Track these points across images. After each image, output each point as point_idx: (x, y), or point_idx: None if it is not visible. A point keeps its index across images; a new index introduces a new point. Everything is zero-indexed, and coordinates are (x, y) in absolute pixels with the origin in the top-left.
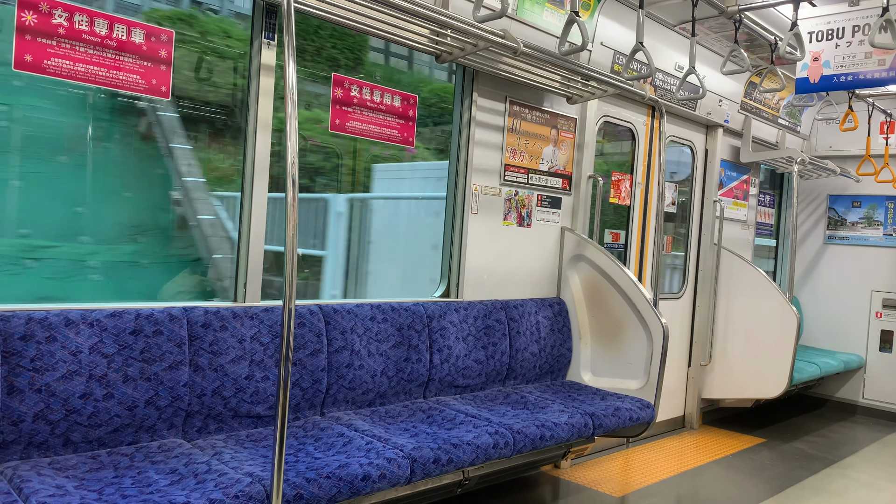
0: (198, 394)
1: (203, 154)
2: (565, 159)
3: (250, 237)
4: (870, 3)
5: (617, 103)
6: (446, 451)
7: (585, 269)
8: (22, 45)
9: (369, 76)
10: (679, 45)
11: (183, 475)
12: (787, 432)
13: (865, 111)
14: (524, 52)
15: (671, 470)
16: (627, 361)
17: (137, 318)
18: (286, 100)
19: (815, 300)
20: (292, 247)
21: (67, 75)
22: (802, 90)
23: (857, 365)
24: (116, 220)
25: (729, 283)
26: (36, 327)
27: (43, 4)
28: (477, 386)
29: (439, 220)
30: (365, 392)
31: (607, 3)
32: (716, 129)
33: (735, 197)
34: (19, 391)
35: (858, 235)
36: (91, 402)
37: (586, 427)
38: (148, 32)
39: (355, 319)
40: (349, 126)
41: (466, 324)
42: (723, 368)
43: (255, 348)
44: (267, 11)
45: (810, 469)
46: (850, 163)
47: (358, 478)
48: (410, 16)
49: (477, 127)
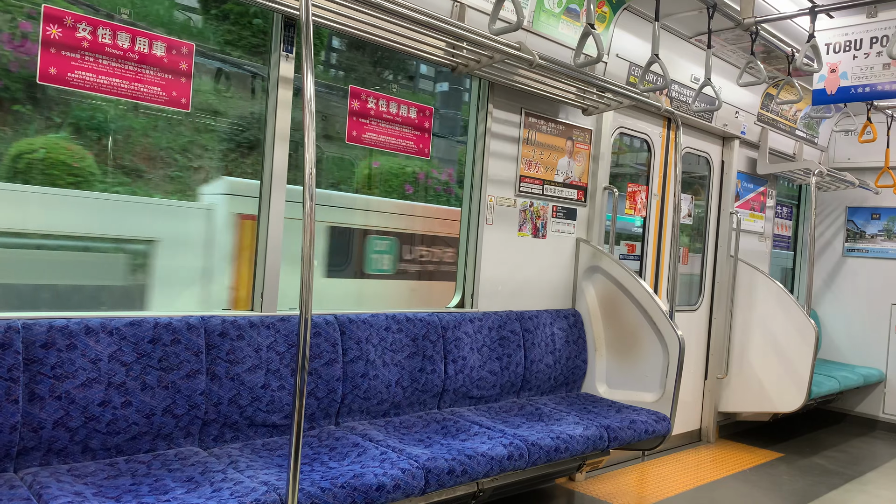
0: (214, 402)
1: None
2: (580, 170)
3: (267, 247)
4: (888, 15)
5: (632, 115)
6: (461, 463)
7: (601, 280)
8: (47, 59)
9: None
10: (695, 56)
11: (199, 483)
12: (805, 447)
13: (884, 122)
14: (540, 64)
15: (687, 484)
16: (643, 374)
17: (156, 327)
18: (304, 111)
19: (833, 313)
20: (309, 256)
21: (91, 88)
22: (819, 102)
23: (876, 379)
24: None
25: (746, 295)
26: (57, 335)
27: (67, 18)
28: (492, 397)
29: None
30: (380, 402)
31: (623, 15)
32: (732, 140)
33: (752, 209)
34: (40, 398)
35: (878, 248)
36: (110, 409)
37: (601, 440)
38: (169, 45)
39: (370, 329)
40: (366, 138)
41: (481, 334)
42: (740, 381)
43: (272, 357)
44: (285, 25)
45: (829, 485)
46: (868, 174)
47: (372, 488)
48: (427, 29)
49: (492, 138)
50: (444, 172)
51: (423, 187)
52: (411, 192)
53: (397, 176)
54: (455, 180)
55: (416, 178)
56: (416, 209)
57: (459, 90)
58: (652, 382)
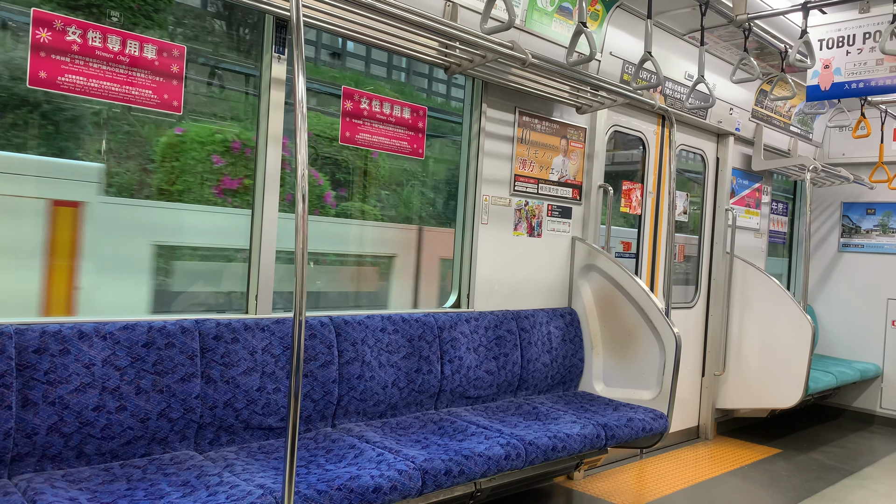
0: (210, 406)
1: None
2: (575, 169)
3: (261, 250)
4: (880, 10)
5: (627, 113)
6: (458, 463)
7: (597, 278)
8: (37, 62)
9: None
10: (688, 53)
11: (195, 487)
12: (803, 443)
13: (878, 118)
14: (533, 63)
15: (686, 481)
16: (640, 371)
17: (150, 331)
18: (296, 113)
19: (830, 309)
20: (302, 258)
21: (81, 91)
22: (813, 98)
23: (873, 374)
24: None
25: (742, 291)
26: (50, 340)
27: (57, 22)
28: (488, 397)
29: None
30: (376, 403)
31: (616, 13)
32: (727, 137)
33: (747, 205)
34: (33, 404)
35: (873, 243)
36: (104, 414)
37: (599, 438)
38: (160, 48)
39: (366, 331)
40: (359, 138)
41: (477, 334)
42: (737, 378)
43: (267, 360)
44: (277, 26)
45: (828, 480)
46: (863, 170)
47: (369, 490)
48: (419, 29)
49: (487, 138)
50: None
51: (238, 158)
52: (222, 165)
53: (204, 144)
54: (290, 152)
55: (230, 148)
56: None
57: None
58: (649, 380)
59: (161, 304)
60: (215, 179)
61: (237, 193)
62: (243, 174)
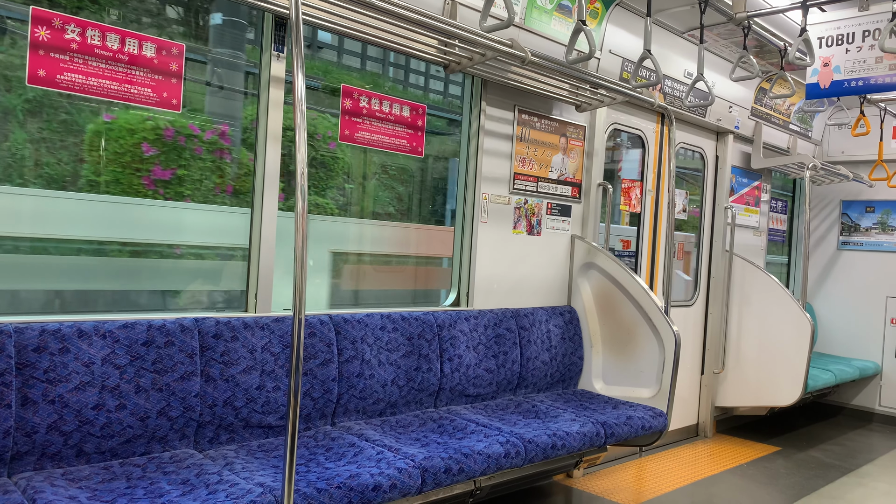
0: (209, 404)
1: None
2: (575, 167)
3: (261, 248)
4: (880, 8)
5: (626, 111)
6: (457, 461)
7: (596, 276)
8: (35, 61)
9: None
10: (688, 51)
11: (195, 486)
12: (802, 440)
13: (877, 116)
14: (532, 61)
15: (685, 479)
16: (639, 370)
17: (149, 329)
18: (295, 111)
19: (829, 307)
20: (302, 256)
21: (80, 89)
22: (813, 96)
23: (872, 372)
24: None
25: (741, 289)
26: (49, 339)
27: (56, 20)
28: (488, 395)
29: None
30: (376, 402)
31: (615, 11)
32: (726, 135)
33: (746, 203)
34: (33, 402)
35: (872, 241)
36: (104, 412)
37: (598, 436)
38: (159, 46)
39: (366, 329)
40: (358, 137)
41: (477, 332)
42: (736, 376)
43: (266, 358)
44: (276, 24)
45: (826, 478)
46: (862, 168)
47: (369, 488)
48: (418, 27)
49: (486, 136)
50: (213, 129)
51: (171, 147)
52: (152, 154)
53: (133, 132)
54: (232, 141)
55: (163, 135)
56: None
57: (240, 23)
58: (648, 378)
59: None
60: (145, 169)
61: (170, 185)
62: (177, 164)
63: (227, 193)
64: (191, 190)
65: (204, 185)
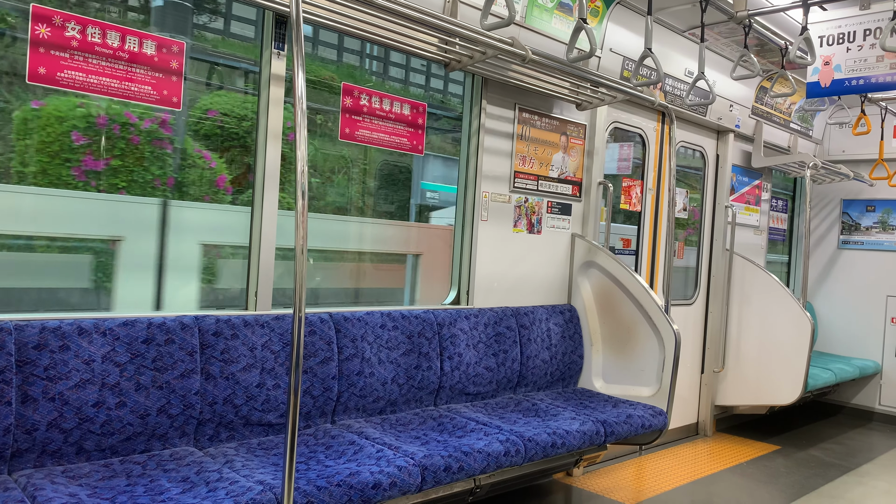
0: (209, 402)
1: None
2: (575, 166)
3: (261, 246)
4: (881, 7)
5: (627, 109)
6: (457, 459)
7: (596, 275)
8: (36, 58)
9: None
10: (688, 50)
11: (195, 483)
12: (802, 439)
13: (878, 115)
14: (533, 59)
15: (684, 478)
16: (639, 368)
17: (149, 327)
18: (295, 109)
19: (829, 306)
20: (302, 255)
21: (80, 87)
22: (813, 94)
23: (872, 371)
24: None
25: (741, 288)
26: (49, 336)
27: (56, 17)
28: (488, 393)
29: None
30: (375, 400)
31: (616, 9)
32: (727, 134)
33: (747, 202)
34: (33, 400)
35: (873, 240)
36: (104, 410)
37: (598, 434)
38: (159, 44)
39: (366, 327)
40: (359, 135)
41: (477, 331)
42: (736, 375)
43: (266, 356)
44: (276, 22)
45: (826, 477)
46: (863, 167)
47: (369, 486)
48: (419, 25)
49: (486, 134)
50: (153, 117)
51: (104, 136)
52: (83, 143)
53: (64, 120)
54: (174, 130)
55: (95, 123)
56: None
57: (183, 6)
58: (648, 377)
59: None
60: (75, 160)
61: (102, 176)
62: (110, 154)
63: (169, 186)
64: (126, 182)
65: (141, 177)
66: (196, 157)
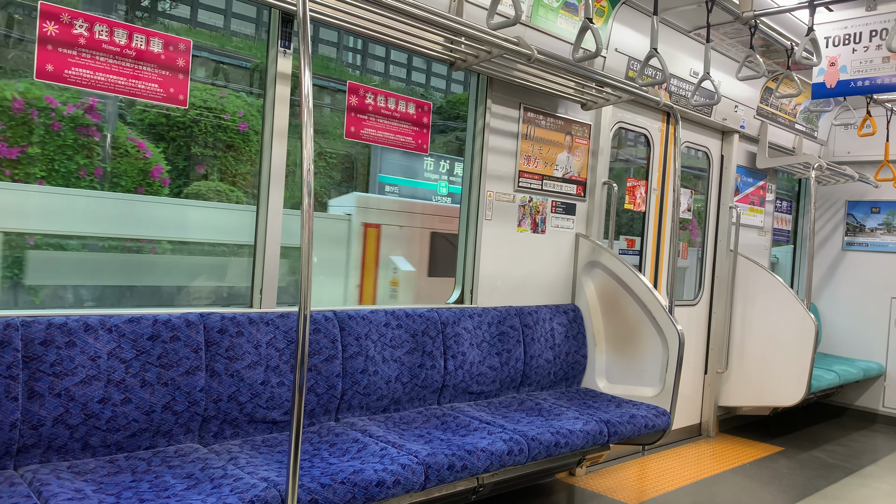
0: (214, 399)
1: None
2: (580, 165)
3: (266, 244)
4: (888, 8)
5: (632, 109)
6: (461, 458)
7: (600, 275)
8: (44, 55)
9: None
10: (694, 50)
11: (199, 480)
12: (805, 441)
13: (884, 116)
14: (538, 58)
15: (687, 478)
16: (643, 368)
17: (155, 324)
18: (302, 108)
19: (833, 307)
20: (308, 253)
21: (88, 84)
22: (819, 95)
23: (876, 373)
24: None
25: (745, 289)
26: (56, 332)
27: (64, 15)
28: (491, 392)
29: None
30: (379, 398)
31: (622, 9)
32: (732, 134)
33: (751, 203)
34: (39, 396)
35: (878, 242)
36: (109, 406)
37: (601, 434)
38: (166, 42)
39: (370, 325)
40: (364, 133)
41: (481, 330)
42: (740, 376)
43: (271, 354)
44: (283, 20)
45: (829, 478)
46: (868, 168)
47: (372, 483)
48: (425, 24)
49: (491, 134)
50: (79, 103)
51: (19, 122)
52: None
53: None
54: (103, 117)
55: (10, 108)
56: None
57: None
58: (652, 377)
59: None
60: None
61: (18, 164)
62: (27, 141)
63: (97, 177)
64: (45, 171)
65: (63, 167)
66: (129, 145)
